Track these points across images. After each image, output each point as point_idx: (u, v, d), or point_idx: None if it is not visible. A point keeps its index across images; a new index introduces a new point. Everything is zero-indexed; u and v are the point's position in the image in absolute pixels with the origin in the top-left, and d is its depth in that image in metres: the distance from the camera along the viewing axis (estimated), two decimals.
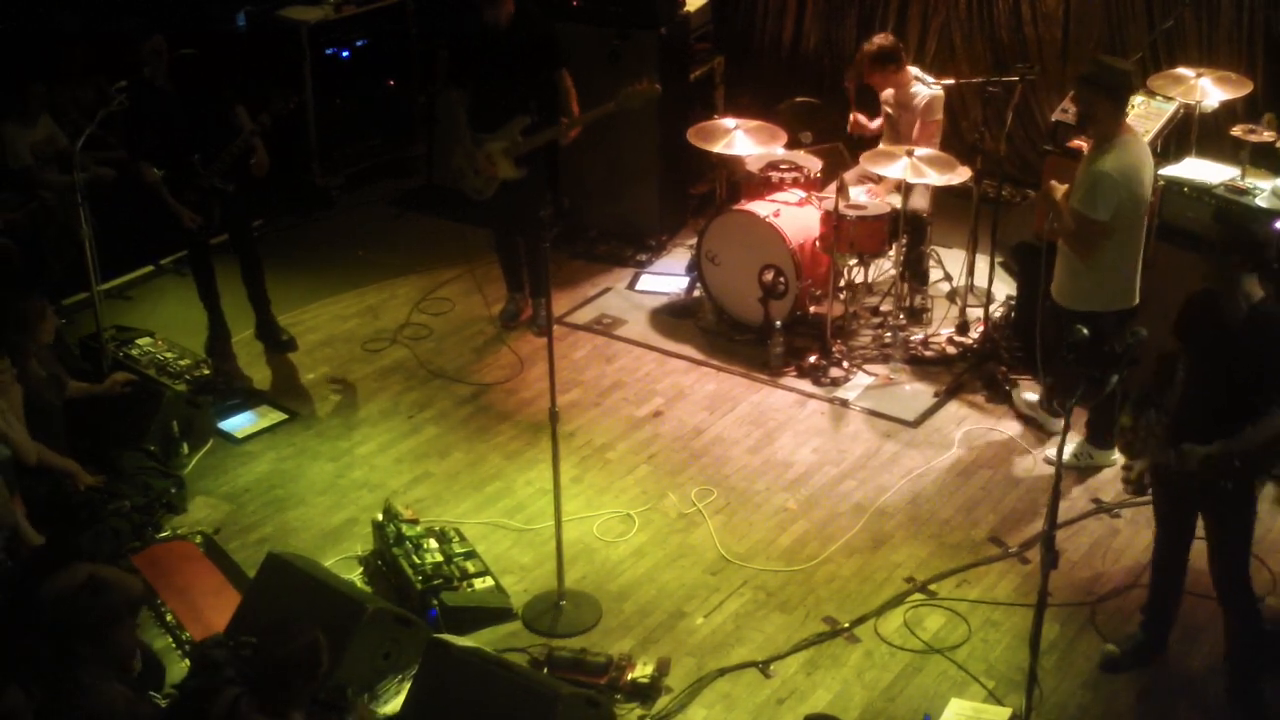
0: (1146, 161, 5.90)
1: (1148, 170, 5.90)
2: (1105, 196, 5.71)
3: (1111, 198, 5.71)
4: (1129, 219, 5.84)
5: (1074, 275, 6.03)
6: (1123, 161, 5.73)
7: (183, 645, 5.42)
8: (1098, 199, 5.72)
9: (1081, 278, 6.00)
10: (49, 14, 8.47)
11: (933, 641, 5.47)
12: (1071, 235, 5.89)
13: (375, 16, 9.40)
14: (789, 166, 7.70)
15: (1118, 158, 5.73)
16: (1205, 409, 4.68)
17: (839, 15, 9.41)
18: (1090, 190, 5.74)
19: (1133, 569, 5.78)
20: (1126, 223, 5.83)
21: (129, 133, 7.32)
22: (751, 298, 7.48)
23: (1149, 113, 6.82)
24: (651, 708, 5.14)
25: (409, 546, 5.74)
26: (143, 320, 7.79)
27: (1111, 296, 6.02)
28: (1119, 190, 5.72)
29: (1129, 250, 5.97)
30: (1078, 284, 6.02)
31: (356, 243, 8.95)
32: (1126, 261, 5.98)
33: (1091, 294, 6.01)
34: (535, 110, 7.25)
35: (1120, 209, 5.75)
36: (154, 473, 6.29)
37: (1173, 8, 8.04)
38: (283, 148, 7.93)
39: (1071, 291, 6.06)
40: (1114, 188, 5.71)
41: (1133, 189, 5.78)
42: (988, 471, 6.53)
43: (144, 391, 6.66)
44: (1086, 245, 5.86)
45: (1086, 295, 6.02)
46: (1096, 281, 5.98)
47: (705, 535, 6.13)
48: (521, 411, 7.07)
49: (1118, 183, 5.71)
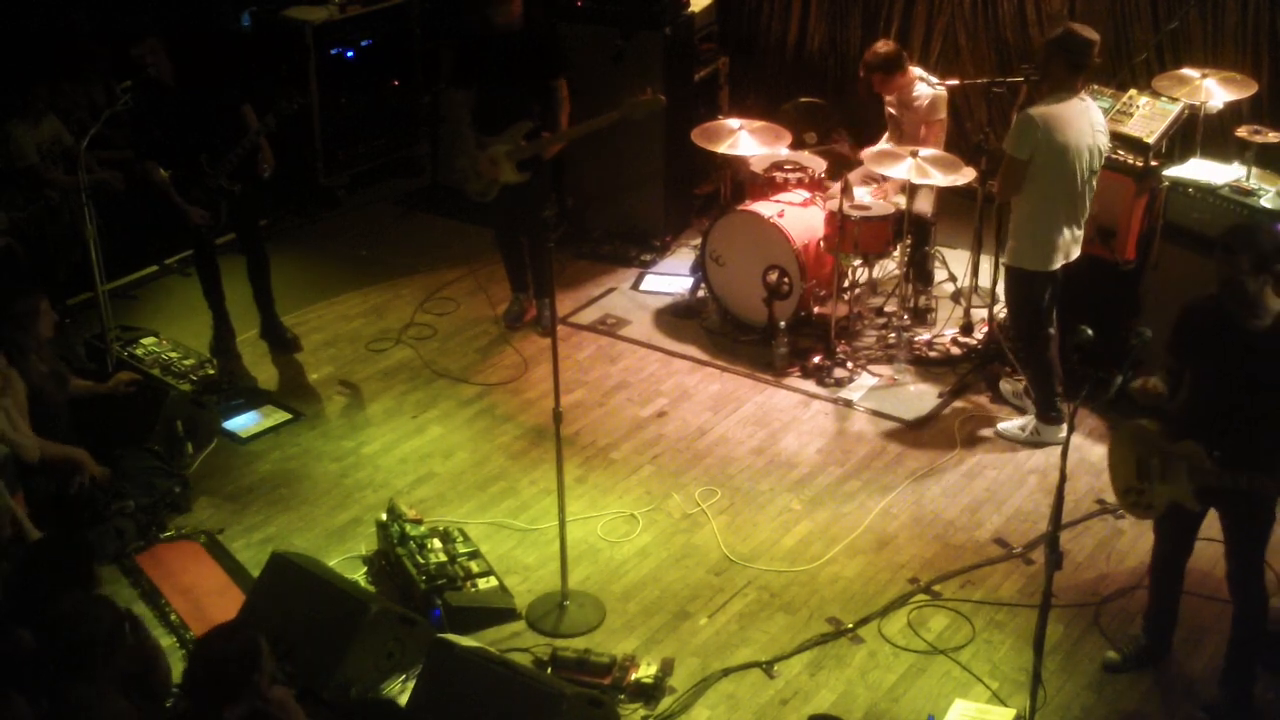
0: (1078, 120, 6.13)
1: (1075, 127, 6.11)
2: (1024, 136, 6.09)
3: (1029, 137, 6.06)
4: (1047, 165, 6.10)
5: (1015, 229, 6.36)
6: (1049, 110, 6.10)
7: (187, 645, 5.42)
8: (1018, 138, 6.12)
9: (1019, 232, 6.32)
10: (55, 13, 8.48)
11: (937, 642, 5.47)
12: (1001, 178, 6.32)
13: (380, 17, 9.40)
14: (793, 167, 7.70)
15: (1046, 106, 6.12)
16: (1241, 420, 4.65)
17: (843, 15, 9.40)
18: (1013, 130, 6.20)
19: (1137, 570, 5.78)
20: (1045, 169, 6.11)
21: (135, 132, 7.34)
22: (756, 298, 7.48)
23: (1154, 113, 6.82)
24: (655, 708, 5.14)
25: (413, 546, 5.74)
26: (148, 320, 7.80)
27: (1030, 253, 6.28)
28: (1036, 131, 6.05)
29: (1048, 205, 6.19)
30: (1017, 239, 6.34)
31: (361, 243, 8.95)
32: (1049, 214, 6.21)
33: (1017, 250, 6.34)
34: (539, 115, 7.25)
35: (1038, 151, 6.07)
36: (158, 472, 6.30)
37: (1178, 8, 8.03)
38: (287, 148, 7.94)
39: (1014, 248, 6.38)
40: (1031, 128, 6.06)
41: (1051, 134, 6.06)
42: (992, 472, 6.53)
43: (149, 391, 6.66)
44: (1009, 186, 6.25)
45: (1014, 251, 6.37)
46: (1028, 234, 6.27)
47: (709, 535, 6.13)
48: (525, 412, 7.08)
49: (1036, 124, 6.06)
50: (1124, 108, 6.90)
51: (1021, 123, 6.13)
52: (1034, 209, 6.22)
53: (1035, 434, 6.64)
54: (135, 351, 7.21)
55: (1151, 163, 6.70)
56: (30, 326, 5.93)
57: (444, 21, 9.61)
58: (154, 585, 5.80)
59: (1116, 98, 6.96)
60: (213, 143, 7.00)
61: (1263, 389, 4.60)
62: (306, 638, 5.04)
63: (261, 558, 5.68)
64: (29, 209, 7.63)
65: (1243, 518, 4.87)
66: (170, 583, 5.81)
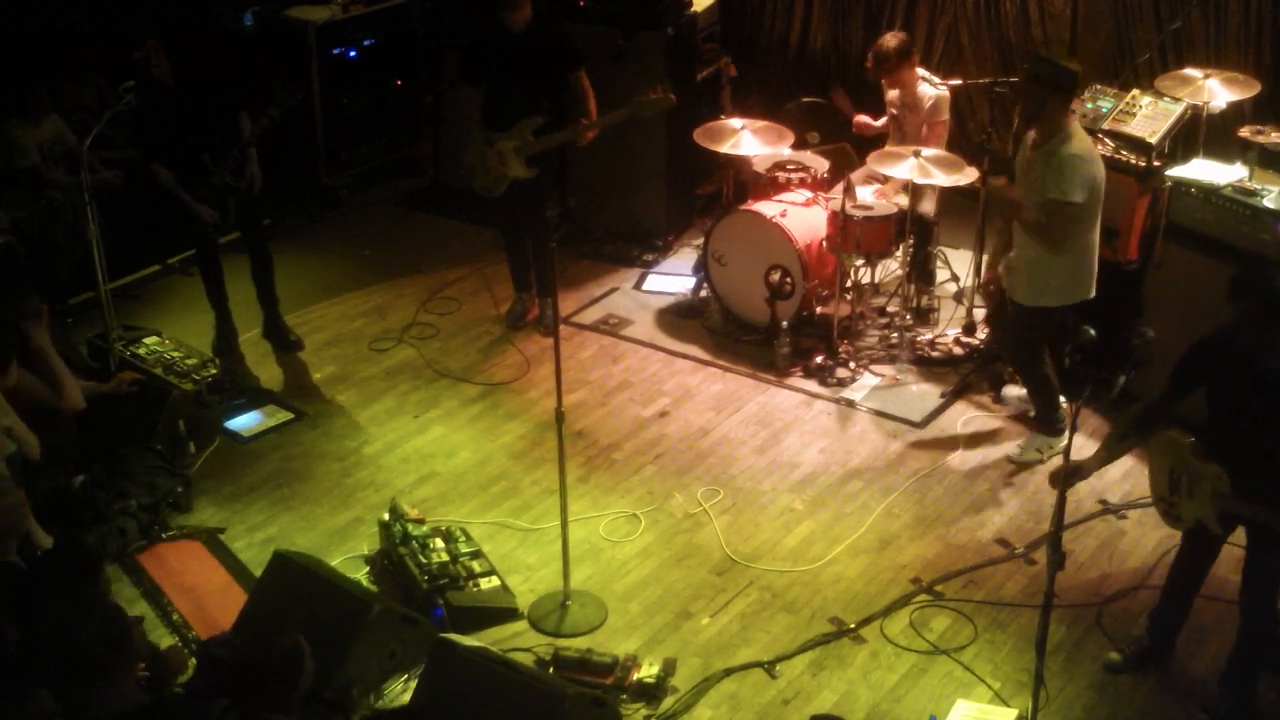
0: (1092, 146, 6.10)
1: (1096, 155, 6.07)
2: (1081, 178, 5.87)
3: (1086, 179, 5.88)
4: (1095, 201, 6.00)
5: (1044, 270, 6.10)
6: (1085, 144, 5.96)
7: (189, 644, 5.42)
8: (1075, 182, 5.86)
9: (1052, 272, 6.10)
10: (56, 13, 8.48)
11: (939, 642, 5.47)
12: (1043, 228, 5.97)
13: (382, 16, 9.41)
14: (796, 167, 7.70)
15: (1080, 142, 5.94)
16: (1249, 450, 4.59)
17: (846, 15, 9.40)
18: (1062, 175, 5.88)
19: (1140, 570, 5.78)
20: (1094, 205, 6.00)
21: (138, 133, 7.34)
22: (758, 298, 7.48)
23: (1157, 113, 6.81)
24: (657, 708, 5.14)
25: (415, 546, 5.74)
26: (150, 319, 7.80)
27: (1079, 286, 6.15)
28: (1089, 169, 5.90)
29: (1095, 234, 6.11)
30: (1048, 279, 6.13)
31: (363, 242, 8.96)
32: (1092, 246, 6.13)
33: (1064, 288, 6.14)
34: (547, 111, 7.26)
35: (1092, 190, 5.92)
36: (161, 472, 6.30)
37: (1181, 8, 8.02)
38: (290, 147, 7.94)
39: (1042, 288, 6.16)
40: (1085, 167, 5.88)
41: (1096, 169, 5.96)
42: (994, 472, 6.53)
43: (151, 391, 6.66)
44: (1060, 234, 5.96)
45: (1059, 290, 6.15)
46: (1069, 271, 6.10)
47: (711, 535, 6.13)
48: (528, 411, 7.08)
49: (1087, 163, 5.90)
50: (1127, 108, 6.89)
51: (1068, 165, 5.85)
52: (1088, 241, 6.05)
53: (1048, 447, 6.54)
54: (138, 351, 7.20)
55: (1154, 163, 6.69)
56: (37, 327, 5.93)
57: (446, 21, 9.61)
58: (156, 585, 5.80)
59: (1119, 98, 6.96)
60: (214, 142, 7.00)
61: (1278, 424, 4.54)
62: (308, 637, 4.99)
63: (263, 557, 5.68)
64: (31, 209, 7.64)
65: (1267, 543, 4.77)
66: (172, 582, 5.81)
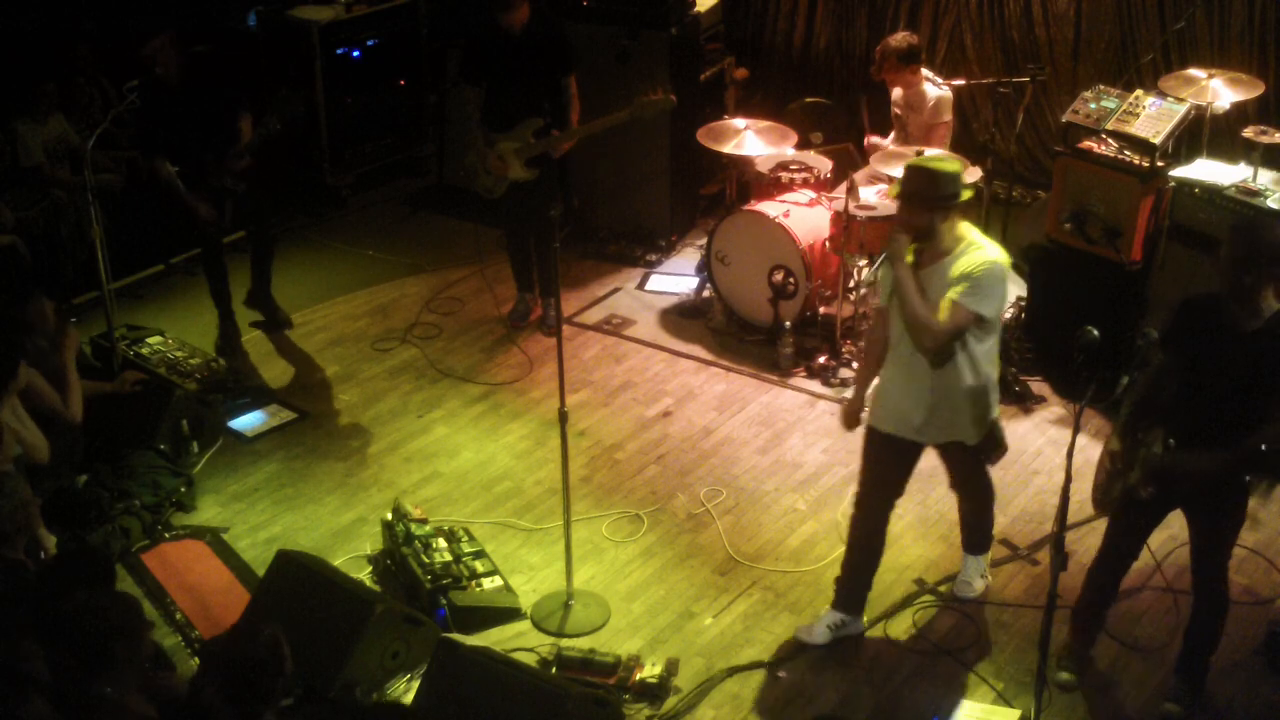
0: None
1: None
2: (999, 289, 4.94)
3: (1001, 290, 4.96)
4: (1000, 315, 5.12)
5: (971, 400, 5.07)
6: (999, 254, 4.94)
7: (192, 644, 5.44)
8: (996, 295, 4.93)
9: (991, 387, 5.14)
10: (62, 13, 8.49)
11: (942, 643, 5.47)
12: (934, 329, 4.87)
13: (386, 16, 9.41)
14: (799, 167, 7.70)
15: (993, 249, 4.93)
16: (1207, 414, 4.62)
17: (849, 16, 9.41)
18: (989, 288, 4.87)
19: (1143, 570, 5.76)
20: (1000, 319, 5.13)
21: (141, 131, 7.35)
22: (761, 298, 7.48)
23: (1160, 113, 6.81)
24: (660, 708, 5.14)
25: (418, 546, 5.74)
26: (154, 319, 7.81)
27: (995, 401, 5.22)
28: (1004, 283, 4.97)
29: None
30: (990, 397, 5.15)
31: (367, 242, 8.96)
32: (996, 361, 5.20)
33: (989, 407, 5.18)
34: (549, 112, 7.26)
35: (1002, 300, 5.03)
36: (164, 471, 6.31)
37: (1184, 8, 8.03)
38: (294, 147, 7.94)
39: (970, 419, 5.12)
40: (1004, 278, 4.95)
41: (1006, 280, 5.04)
42: (997, 473, 6.47)
43: (154, 390, 6.68)
44: (946, 339, 4.90)
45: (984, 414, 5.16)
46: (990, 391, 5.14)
47: (714, 535, 6.13)
48: (531, 411, 7.08)
49: (1005, 274, 4.96)
50: (1130, 108, 6.88)
51: (996, 279, 4.89)
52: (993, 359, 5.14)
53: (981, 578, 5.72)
54: (141, 350, 7.22)
55: (1158, 163, 6.69)
56: (42, 328, 5.94)
57: (450, 21, 9.62)
58: (159, 584, 5.81)
59: (1123, 98, 6.95)
60: (216, 142, 7.01)
61: (1237, 390, 4.56)
62: (311, 637, 5.03)
63: (267, 557, 5.68)
64: (35, 208, 7.65)
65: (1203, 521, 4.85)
66: (176, 581, 5.81)
